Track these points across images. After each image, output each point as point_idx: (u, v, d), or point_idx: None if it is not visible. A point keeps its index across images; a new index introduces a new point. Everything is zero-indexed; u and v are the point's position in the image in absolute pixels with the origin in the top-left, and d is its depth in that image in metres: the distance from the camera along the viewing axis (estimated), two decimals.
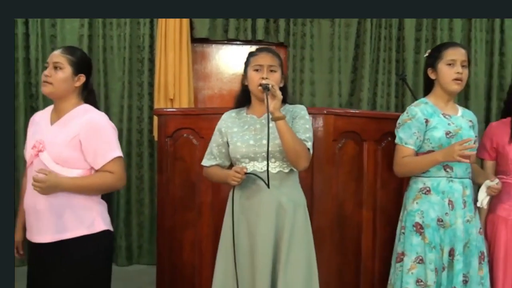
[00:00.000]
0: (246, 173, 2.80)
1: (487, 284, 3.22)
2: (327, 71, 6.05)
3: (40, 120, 2.87)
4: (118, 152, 2.80)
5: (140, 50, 5.85)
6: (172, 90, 5.60)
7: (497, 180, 3.19)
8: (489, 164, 3.48)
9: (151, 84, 5.81)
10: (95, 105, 2.94)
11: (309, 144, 2.83)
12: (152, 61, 5.81)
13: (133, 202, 5.84)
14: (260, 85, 2.78)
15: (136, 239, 5.86)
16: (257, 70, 2.88)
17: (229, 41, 6.06)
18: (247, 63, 2.97)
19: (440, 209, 3.13)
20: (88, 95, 2.92)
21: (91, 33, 5.78)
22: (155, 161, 5.56)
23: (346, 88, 6.06)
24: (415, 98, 4.56)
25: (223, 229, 3.00)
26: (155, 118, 4.95)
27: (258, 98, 2.92)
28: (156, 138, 4.99)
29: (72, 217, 2.71)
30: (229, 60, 6.18)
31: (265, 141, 2.81)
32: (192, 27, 5.82)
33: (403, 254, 3.20)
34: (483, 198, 3.21)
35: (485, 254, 3.25)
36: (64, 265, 2.68)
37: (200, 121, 3.63)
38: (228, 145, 2.98)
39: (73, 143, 2.71)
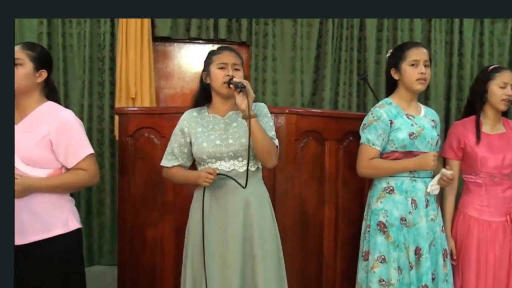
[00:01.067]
0: (218, 174, 2.78)
1: (451, 280, 3.27)
2: (289, 71, 6.07)
3: None
4: (90, 149, 2.80)
5: (101, 49, 5.78)
6: (134, 89, 5.55)
7: (451, 171, 3.20)
8: (455, 163, 3.46)
9: (112, 83, 5.75)
10: (58, 101, 2.89)
11: (277, 142, 2.86)
12: (113, 59, 5.75)
13: (93, 202, 5.77)
14: (231, 82, 2.78)
15: (96, 239, 5.79)
16: (221, 68, 2.88)
17: (191, 40, 6.03)
18: (209, 61, 2.96)
19: (403, 208, 3.16)
20: (50, 92, 2.87)
21: (50, 31, 5.69)
22: (116, 160, 5.51)
23: (308, 87, 6.09)
24: (376, 98, 4.60)
25: (190, 229, 2.97)
26: (116, 117, 4.90)
27: (222, 96, 2.91)
28: (117, 138, 4.94)
29: (43, 218, 2.66)
30: (191, 59, 6.15)
31: (231, 141, 2.83)
32: (153, 26, 5.78)
33: (368, 252, 3.22)
34: (435, 187, 3.21)
35: (448, 251, 3.29)
36: (40, 267, 2.63)
37: (161, 120, 3.60)
38: (191, 145, 2.95)
39: (42, 143, 2.67)
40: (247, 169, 2.79)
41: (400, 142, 3.16)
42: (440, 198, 3.47)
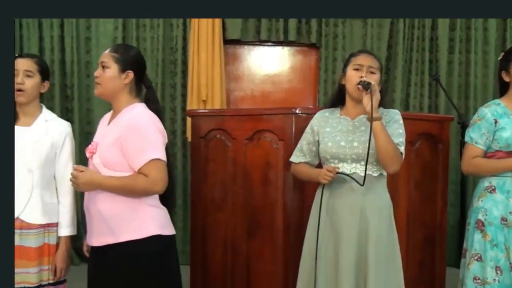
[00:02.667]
0: (337, 173, 2.79)
1: None
2: None
3: (103, 120, 2.83)
4: (155, 154, 2.58)
5: (173, 52, 5.89)
6: (205, 91, 5.63)
7: None
8: None
9: (184, 86, 5.85)
10: (155, 101, 2.83)
11: (402, 149, 2.81)
12: (185, 62, 5.85)
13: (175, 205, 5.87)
14: (360, 82, 2.77)
15: None
16: (356, 70, 2.86)
17: (261, 42, 6.06)
18: (347, 63, 2.96)
19: (504, 208, 3.13)
20: (147, 93, 2.82)
21: (125, 35, 5.84)
22: (188, 162, 5.60)
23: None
24: (449, 99, 4.55)
25: (309, 226, 3.00)
26: (188, 119, 4.98)
27: (353, 99, 2.91)
28: (189, 139, 5.02)
29: (118, 222, 2.61)
30: (261, 61, 6.18)
31: (356, 143, 2.82)
32: (224, 29, 5.85)
33: (466, 250, 3.24)
34: None
35: None
36: (115, 270, 2.61)
37: (232, 122, 3.64)
38: (319, 144, 2.98)
39: (116, 145, 2.60)
40: (366, 168, 2.76)
41: (504, 142, 3.14)
42: None
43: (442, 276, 3.87)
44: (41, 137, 2.90)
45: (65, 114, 5.78)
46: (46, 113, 3.00)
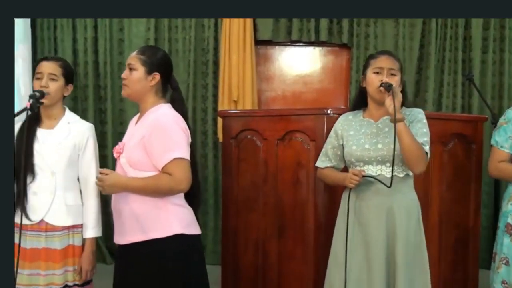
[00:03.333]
0: (363, 176, 2.79)
1: None
2: None
3: (132, 121, 2.88)
4: (179, 153, 2.61)
5: (205, 53, 5.92)
6: (236, 92, 5.65)
7: None
8: None
9: (215, 86, 5.88)
10: (181, 102, 2.88)
11: (427, 148, 2.79)
12: (216, 63, 5.88)
13: (201, 204, 5.90)
14: (381, 85, 2.77)
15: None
16: (377, 73, 2.86)
17: (292, 42, 6.06)
18: (366, 66, 2.95)
19: None
20: (173, 94, 2.87)
21: (157, 37, 5.90)
22: (219, 162, 5.62)
23: (411, 89, 5.97)
24: (483, 99, 4.50)
25: (336, 229, 3.00)
26: (219, 120, 5.01)
27: (375, 101, 2.90)
28: (220, 140, 5.04)
29: (142, 220, 2.66)
30: (292, 61, 6.18)
31: (380, 145, 2.82)
32: (255, 29, 5.86)
33: (495, 253, 3.22)
34: None
35: None
36: (140, 268, 2.65)
37: (263, 122, 3.66)
38: (343, 148, 2.98)
39: (140, 145, 2.65)
40: (392, 170, 2.76)
41: None
42: None
43: (474, 278, 3.83)
44: (64, 139, 2.92)
45: (98, 115, 5.87)
46: (69, 116, 3.01)
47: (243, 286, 3.75)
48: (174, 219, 2.68)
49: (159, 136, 2.62)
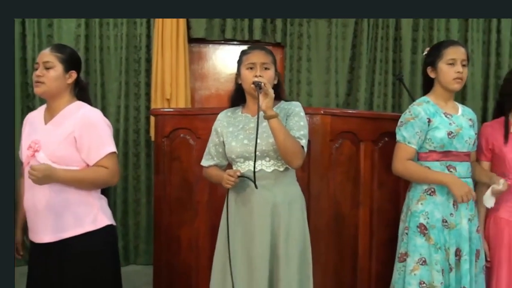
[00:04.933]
0: (239, 176, 2.77)
1: (480, 280, 3.23)
2: (324, 71, 6.05)
3: (34, 120, 2.87)
4: (112, 148, 2.79)
5: (137, 50, 5.84)
6: (169, 90, 5.60)
7: (502, 181, 3.16)
8: (485, 165, 3.42)
9: (148, 84, 5.81)
10: (89, 101, 2.93)
11: (303, 142, 2.79)
12: (149, 61, 5.81)
13: (130, 202, 5.83)
14: (253, 83, 2.74)
15: (132, 239, 5.85)
16: (250, 69, 2.85)
17: (226, 41, 6.05)
18: (240, 62, 2.95)
19: (444, 209, 3.14)
20: (80, 92, 2.91)
21: (88, 33, 5.77)
22: (152, 161, 5.56)
23: (343, 88, 6.07)
24: (412, 98, 4.57)
25: (220, 231, 2.99)
26: (152, 118, 4.95)
27: (252, 97, 2.89)
28: (153, 138, 4.99)
29: (73, 215, 2.70)
30: (226, 60, 6.17)
31: (259, 140, 2.77)
32: (188, 27, 5.82)
33: (406, 254, 3.19)
34: (489, 198, 3.18)
35: (480, 252, 3.25)
36: (69, 264, 2.67)
37: (197, 121, 3.63)
38: (224, 145, 2.97)
39: (68, 141, 2.71)
40: (254, 169, 2.75)
41: (438, 142, 3.13)
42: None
43: None
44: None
45: (26, 113, 5.68)
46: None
47: (176, 286, 3.71)
48: (101, 211, 2.81)
49: (91, 132, 2.73)
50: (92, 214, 2.76)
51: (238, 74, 2.96)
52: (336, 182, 3.49)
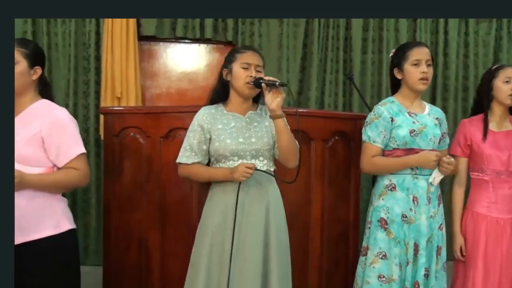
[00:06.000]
0: (256, 169, 2.79)
1: (441, 277, 3.31)
2: (276, 70, 6.05)
3: None
4: (82, 149, 2.75)
5: (86, 48, 5.73)
6: (119, 89, 5.52)
7: (452, 159, 3.21)
8: (462, 160, 3.50)
9: (97, 83, 5.70)
10: (52, 98, 2.84)
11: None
12: (98, 58, 5.70)
13: (79, 202, 5.73)
14: (262, 82, 2.78)
15: (82, 239, 5.74)
16: (245, 68, 2.88)
17: (177, 39, 6.00)
18: (231, 59, 2.96)
19: (404, 205, 3.21)
20: (44, 89, 2.82)
21: (35, 30, 5.64)
22: (102, 160, 5.48)
23: (295, 87, 6.08)
24: (362, 97, 4.65)
25: (207, 227, 2.94)
26: (102, 117, 4.88)
27: (242, 96, 2.92)
28: (102, 137, 4.91)
29: (36, 218, 2.62)
30: (177, 58, 6.12)
31: (254, 139, 2.85)
32: (138, 25, 5.74)
33: (367, 248, 3.28)
34: (436, 175, 3.24)
35: (441, 249, 3.32)
36: (31, 268, 2.60)
37: (147, 119, 3.60)
38: (210, 142, 2.94)
39: (34, 140, 2.62)
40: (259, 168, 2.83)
41: (401, 139, 3.21)
42: (447, 196, 3.56)
43: (355, 272, 3.91)
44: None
45: None
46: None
47: (125, 286, 3.67)
48: (64, 215, 2.74)
49: (60, 133, 2.66)
50: (55, 218, 2.69)
51: (229, 70, 2.95)
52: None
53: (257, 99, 3.02)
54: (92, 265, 5.66)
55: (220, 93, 3.05)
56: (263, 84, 2.79)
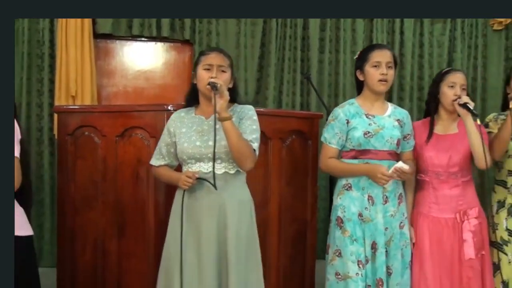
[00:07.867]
0: (197, 178, 2.79)
1: (406, 275, 3.34)
2: (234, 69, 6.04)
3: None
4: (15, 152, 2.60)
5: (40, 45, 5.63)
6: (74, 87, 5.44)
7: (407, 166, 3.22)
8: (410, 163, 3.53)
9: (51, 81, 5.62)
10: None
11: (255, 145, 2.86)
12: (52, 56, 5.61)
13: (33, 203, 5.61)
14: (209, 83, 2.77)
15: (36, 241, 5.61)
16: (207, 69, 2.87)
17: (134, 37, 5.94)
18: (197, 62, 2.96)
19: (360, 204, 3.24)
20: None
21: None
22: (56, 160, 5.38)
23: (252, 86, 6.09)
24: (319, 97, 4.68)
25: (170, 229, 2.95)
26: (56, 116, 4.80)
27: (206, 98, 2.90)
28: (56, 137, 4.83)
29: None
30: (134, 56, 6.06)
31: (211, 143, 2.80)
32: (94, 22, 5.67)
33: (329, 246, 3.34)
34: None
35: (406, 247, 3.35)
36: None
37: (102, 118, 3.55)
38: (176, 145, 2.95)
39: None
40: (213, 170, 2.78)
41: (355, 141, 3.25)
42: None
43: (312, 269, 3.96)
44: None
45: None
46: None
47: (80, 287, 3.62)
48: (17, 221, 2.58)
49: None
50: None
51: (194, 74, 2.95)
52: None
53: (235, 100, 2.99)
54: (47, 267, 5.56)
55: (190, 96, 3.06)
56: (207, 86, 2.79)
